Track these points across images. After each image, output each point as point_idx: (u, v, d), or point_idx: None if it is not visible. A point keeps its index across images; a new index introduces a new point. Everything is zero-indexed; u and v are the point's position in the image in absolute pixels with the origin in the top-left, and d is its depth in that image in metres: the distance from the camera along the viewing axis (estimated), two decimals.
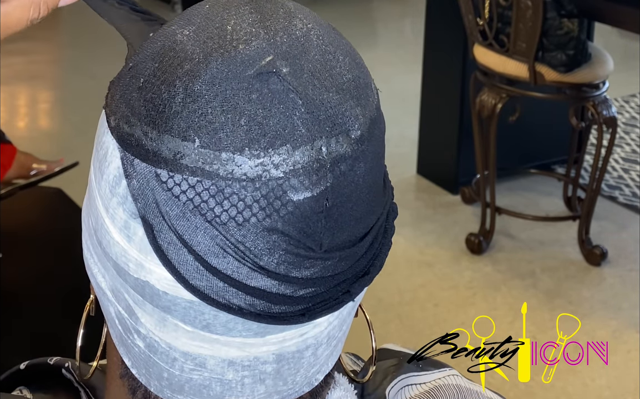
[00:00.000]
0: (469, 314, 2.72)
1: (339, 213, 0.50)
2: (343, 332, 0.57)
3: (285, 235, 0.49)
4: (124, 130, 0.51)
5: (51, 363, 0.68)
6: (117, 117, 0.51)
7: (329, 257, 0.51)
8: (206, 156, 0.48)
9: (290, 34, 0.51)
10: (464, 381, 0.68)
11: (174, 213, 0.49)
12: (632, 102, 4.30)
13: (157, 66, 0.50)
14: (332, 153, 0.49)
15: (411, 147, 3.62)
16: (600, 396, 2.40)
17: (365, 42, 5.33)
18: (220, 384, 0.53)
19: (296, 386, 0.55)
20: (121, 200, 0.51)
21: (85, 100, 4.17)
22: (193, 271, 0.49)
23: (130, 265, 0.51)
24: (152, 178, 0.49)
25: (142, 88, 0.50)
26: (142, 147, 0.49)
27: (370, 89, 0.54)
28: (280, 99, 0.49)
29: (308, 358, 0.55)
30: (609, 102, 2.86)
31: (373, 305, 2.73)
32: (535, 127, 3.40)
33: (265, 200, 0.48)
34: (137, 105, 0.50)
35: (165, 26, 0.53)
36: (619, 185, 3.50)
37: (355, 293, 0.53)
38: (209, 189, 0.48)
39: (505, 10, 2.81)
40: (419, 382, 0.67)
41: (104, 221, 0.52)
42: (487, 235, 3.04)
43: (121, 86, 0.52)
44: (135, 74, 0.51)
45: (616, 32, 4.84)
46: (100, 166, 0.53)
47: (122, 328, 0.54)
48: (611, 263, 2.98)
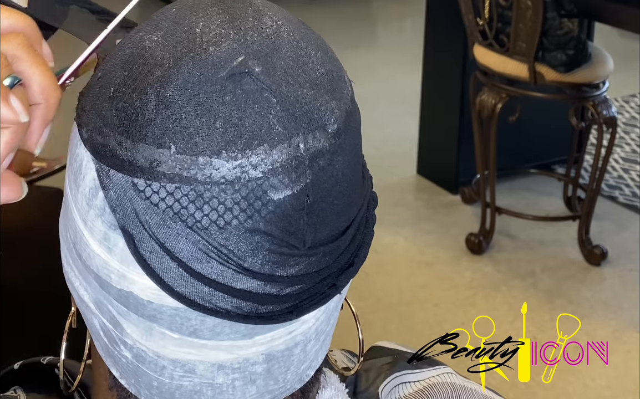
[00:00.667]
0: (469, 314, 2.72)
1: (320, 209, 0.50)
2: (331, 326, 0.57)
3: (268, 234, 0.49)
4: (98, 141, 0.50)
5: (44, 362, 0.68)
6: (90, 128, 0.51)
7: (313, 253, 0.50)
8: (183, 162, 0.47)
9: (260, 33, 0.50)
10: (458, 378, 0.67)
11: (153, 221, 0.48)
12: (632, 102, 4.30)
13: (127, 74, 0.50)
14: (310, 149, 0.49)
15: (411, 147, 3.62)
16: (600, 396, 2.40)
17: (365, 42, 5.33)
18: (211, 388, 0.53)
19: (287, 384, 0.55)
20: (99, 212, 0.50)
21: None
22: (177, 278, 0.49)
23: (112, 277, 0.51)
24: (130, 188, 0.49)
25: (113, 98, 0.50)
26: (117, 157, 0.49)
27: (344, 82, 0.53)
28: (255, 99, 0.48)
29: (298, 355, 0.54)
30: (609, 102, 2.86)
31: (373, 304, 2.73)
32: (535, 127, 3.39)
33: (246, 202, 0.48)
34: (109, 116, 0.49)
35: (132, 32, 0.52)
36: (619, 185, 3.50)
37: (342, 285, 0.53)
38: (188, 195, 0.48)
39: (505, 10, 2.81)
40: (413, 380, 0.66)
41: (82, 234, 0.52)
42: (487, 235, 3.04)
43: (91, 97, 0.51)
44: (105, 84, 0.51)
45: (616, 32, 4.84)
46: (75, 179, 0.52)
47: (107, 340, 0.54)
48: (611, 263, 2.97)
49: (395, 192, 3.41)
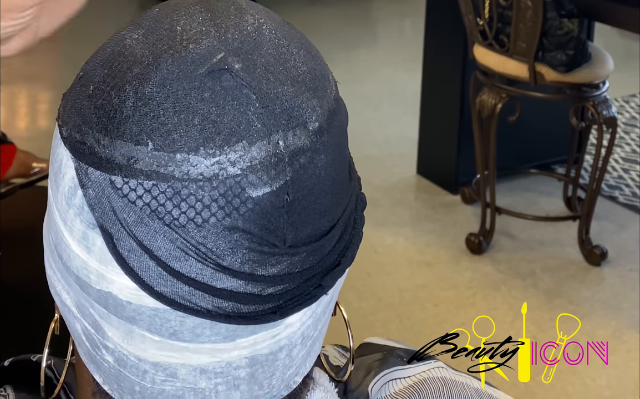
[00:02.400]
0: (469, 314, 2.72)
1: (301, 207, 0.49)
2: (319, 331, 0.56)
3: (247, 232, 0.48)
4: (76, 139, 0.50)
5: (34, 359, 0.68)
6: (69, 127, 0.50)
7: (294, 252, 0.50)
8: (160, 158, 0.47)
9: (241, 30, 0.50)
10: (449, 372, 0.66)
11: (131, 219, 0.48)
12: (632, 102, 4.30)
13: (106, 72, 0.50)
14: (289, 146, 0.48)
15: (411, 147, 3.62)
16: (601, 396, 2.40)
17: (365, 42, 5.33)
18: (194, 393, 0.52)
19: (273, 390, 0.54)
20: (78, 210, 0.50)
21: None
22: (156, 277, 0.49)
23: (91, 277, 0.50)
24: (107, 186, 0.48)
25: (92, 96, 0.49)
26: (95, 154, 0.49)
27: (328, 81, 0.53)
28: (234, 96, 0.48)
29: (283, 360, 0.53)
30: (609, 102, 2.86)
31: (373, 304, 2.73)
32: (535, 127, 3.40)
33: (224, 199, 0.47)
34: (88, 113, 0.49)
35: (115, 32, 0.53)
36: (619, 185, 3.50)
37: (328, 286, 0.52)
38: (165, 192, 0.47)
39: (505, 10, 2.81)
40: (403, 376, 0.65)
41: (62, 235, 0.52)
42: (487, 235, 3.04)
43: (72, 96, 0.51)
44: (85, 82, 0.51)
45: (616, 32, 4.84)
46: (55, 179, 0.52)
47: (89, 345, 0.54)
48: (611, 263, 2.97)
49: (395, 192, 3.41)
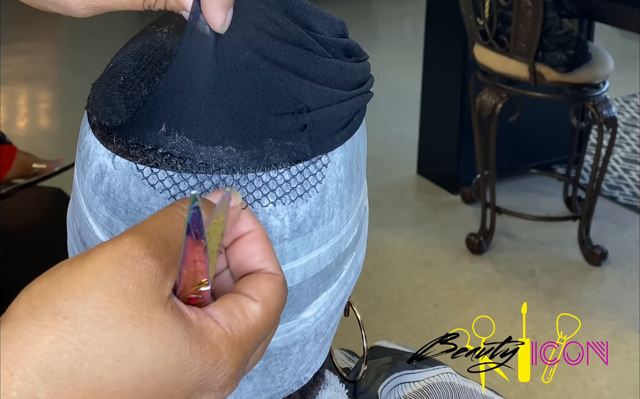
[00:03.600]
0: (469, 314, 2.72)
1: None
2: (331, 329, 0.57)
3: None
4: (106, 128, 0.51)
5: None
6: (99, 115, 0.51)
7: None
8: (187, 149, 0.48)
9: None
10: (458, 378, 0.67)
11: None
12: (632, 102, 4.30)
13: (137, 64, 0.51)
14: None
15: (411, 147, 3.62)
16: (601, 396, 2.39)
17: (365, 42, 5.32)
18: None
19: (284, 384, 0.55)
20: (104, 197, 0.51)
21: (85, 100, 4.15)
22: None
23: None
24: (134, 174, 0.49)
25: (122, 87, 0.50)
26: (123, 143, 0.50)
27: None
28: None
29: (296, 355, 0.54)
30: (609, 102, 2.86)
31: (373, 304, 2.73)
32: (536, 127, 3.39)
33: (245, 191, 0.49)
34: (117, 103, 0.50)
35: (145, 27, 0.54)
36: (619, 185, 3.50)
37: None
38: (189, 181, 0.49)
39: (506, 10, 2.81)
40: (412, 380, 0.66)
41: (87, 221, 0.52)
42: (487, 235, 3.04)
43: (102, 86, 0.52)
44: (116, 73, 0.51)
45: (616, 32, 4.84)
46: (82, 165, 0.53)
47: None
48: (611, 263, 2.97)
49: (395, 192, 3.41)
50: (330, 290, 0.55)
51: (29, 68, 4.77)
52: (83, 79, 4.91)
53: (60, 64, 5.27)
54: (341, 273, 0.56)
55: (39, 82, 4.74)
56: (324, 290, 0.54)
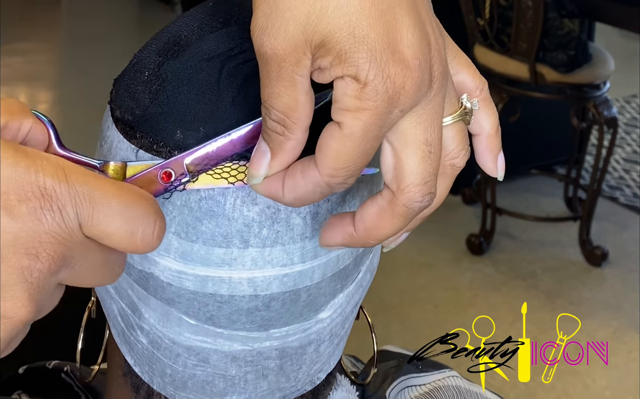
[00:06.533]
0: (470, 315, 2.72)
1: None
2: (345, 330, 0.57)
3: None
4: (129, 122, 0.51)
5: (50, 367, 0.68)
6: (122, 110, 0.51)
7: None
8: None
9: None
10: (463, 382, 0.68)
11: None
12: (633, 103, 4.30)
13: (161, 60, 0.51)
14: None
15: None
16: (601, 397, 2.39)
17: None
18: (224, 380, 0.54)
19: (298, 384, 0.56)
20: None
21: (84, 100, 4.17)
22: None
23: (134, 257, 0.51)
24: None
25: (147, 82, 0.51)
26: (147, 137, 0.50)
27: None
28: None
29: (310, 355, 0.55)
30: (609, 102, 2.86)
31: (374, 306, 2.73)
32: (536, 127, 3.39)
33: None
34: (141, 98, 0.50)
35: (170, 23, 0.54)
36: (619, 186, 3.50)
37: None
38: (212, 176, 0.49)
39: (506, 11, 2.81)
40: (419, 383, 0.67)
41: None
42: (487, 236, 3.04)
43: (125, 81, 0.52)
44: (140, 69, 0.52)
45: (617, 32, 4.84)
46: (105, 160, 0.53)
47: (125, 325, 0.55)
48: (612, 264, 2.97)
49: None
50: (347, 291, 0.55)
51: (28, 69, 4.77)
52: (82, 79, 4.91)
53: (59, 64, 5.27)
54: (358, 274, 0.56)
55: (38, 82, 4.74)
56: (341, 291, 0.55)
